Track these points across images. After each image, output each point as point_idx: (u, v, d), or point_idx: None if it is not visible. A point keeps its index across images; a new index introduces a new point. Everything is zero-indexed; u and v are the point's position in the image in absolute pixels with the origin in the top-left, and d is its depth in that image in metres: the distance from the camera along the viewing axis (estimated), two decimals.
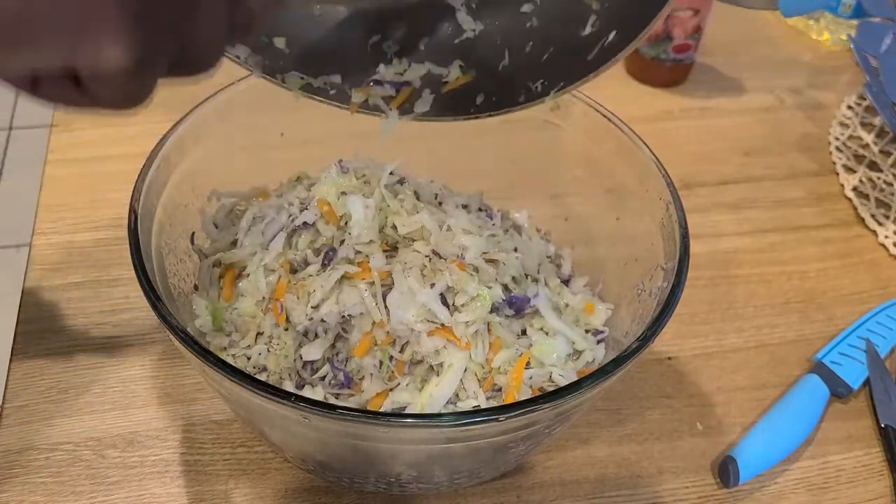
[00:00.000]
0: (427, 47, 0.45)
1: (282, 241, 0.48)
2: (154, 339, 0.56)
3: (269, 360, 0.46)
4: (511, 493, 0.50)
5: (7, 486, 0.48)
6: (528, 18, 0.44)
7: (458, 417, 0.35)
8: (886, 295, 0.64)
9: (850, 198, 0.73)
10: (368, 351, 0.45)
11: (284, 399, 0.35)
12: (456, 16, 0.45)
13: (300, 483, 0.49)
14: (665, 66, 0.81)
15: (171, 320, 0.38)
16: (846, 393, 0.56)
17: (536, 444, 0.44)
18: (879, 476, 0.53)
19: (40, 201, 0.65)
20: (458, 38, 0.45)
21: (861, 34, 0.72)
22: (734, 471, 0.50)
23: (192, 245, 0.50)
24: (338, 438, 0.39)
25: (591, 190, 0.54)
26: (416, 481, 0.45)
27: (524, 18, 0.44)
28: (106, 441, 0.51)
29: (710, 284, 0.64)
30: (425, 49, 0.45)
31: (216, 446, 0.51)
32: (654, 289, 0.45)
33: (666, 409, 0.55)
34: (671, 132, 0.78)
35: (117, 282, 0.59)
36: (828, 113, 0.82)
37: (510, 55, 0.44)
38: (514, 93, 0.43)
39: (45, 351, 0.55)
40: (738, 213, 0.71)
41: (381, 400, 0.44)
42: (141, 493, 0.48)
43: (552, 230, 0.58)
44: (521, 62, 0.44)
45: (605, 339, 0.50)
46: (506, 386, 0.45)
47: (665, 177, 0.47)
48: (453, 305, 0.45)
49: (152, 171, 0.45)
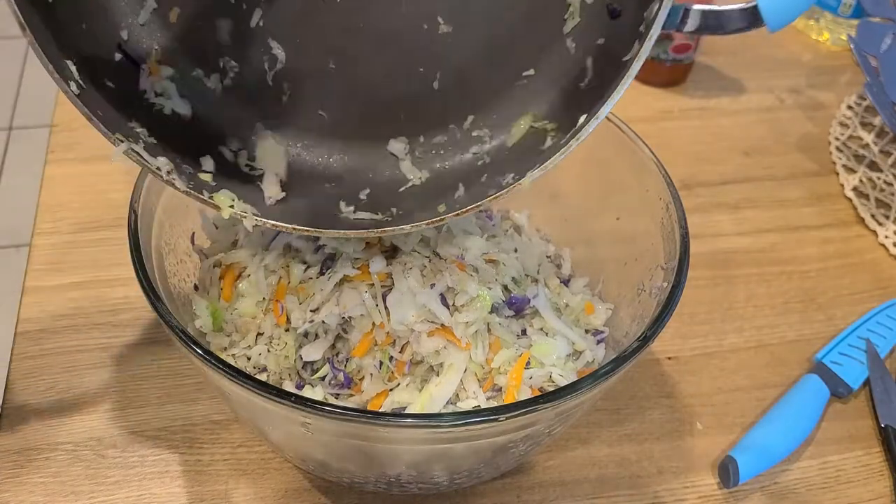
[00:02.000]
0: (373, 197, 0.45)
1: (282, 243, 0.48)
2: (154, 339, 0.56)
3: (270, 361, 0.46)
4: (511, 493, 0.50)
5: (7, 486, 0.48)
6: (480, 157, 0.44)
7: (458, 417, 0.35)
8: (886, 295, 0.64)
9: (850, 198, 0.73)
10: (368, 351, 0.45)
11: (284, 399, 0.35)
12: (399, 166, 0.45)
13: (300, 483, 0.49)
14: (665, 66, 0.81)
15: (171, 320, 0.38)
16: (846, 393, 0.56)
17: (536, 444, 0.44)
18: (879, 476, 0.53)
19: (40, 201, 0.65)
20: (404, 186, 0.45)
21: (861, 34, 0.72)
22: (734, 471, 0.50)
23: (192, 245, 0.50)
24: (338, 438, 0.39)
25: (591, 190, 0.54)
26: (416, 481, 0.45)
27: (474, 158, 0.44)
28: (106, 441, 0.51)
29: (710, 284, 0.64)
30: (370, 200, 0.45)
31: (216, 446, 0.51)
32: (654, 289, 0.45)
33: (666, 409, 0.55)
34: (671, 132, 0.78)
35: (117, 282, 0.59)
36: (828, 113, 0.82)
37: (465, 186, 0.43)
38: (481, 193, 0.42)
39: (45, 351, 0.55)
40: (738, 213, 0.71)
41: (381, 400, 0.44)
42: (141, 493, 0.48)
43: (552, 230, 0.58)
44: (476, 185, 0.43)
45: (604, 340, 0.50)
46: (506, 386, 0.45)
47: (665, 177, 0.47)
48: (453, 306, 0.45)
49: None
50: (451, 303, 0.45)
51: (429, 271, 0.46)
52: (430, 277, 0.46)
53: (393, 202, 0.44)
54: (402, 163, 0.45)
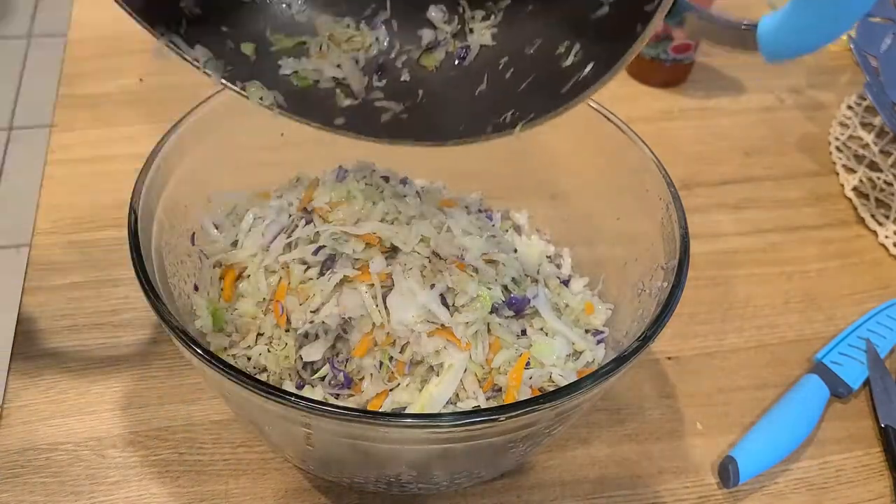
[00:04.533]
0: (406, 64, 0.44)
1: (282, 243, 0.48)
2: (154, 339, 0.56)
3: (270, 361, 0.46)
4: (511, 493, 0.50)
5: (7, 486, 0.48)
6: (528, 41, 0.43)
7: (458, 417, 0.35)
8: (886, 295, 0.64)
9: (850, 198, 0.73)
10: (368, 351, 0.45)
11: (284, 399, 0.35)
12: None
13: (300, 483, 0.49)
14: (665, 66, 0.81)
15: (171, 320, 0.38)
16: (846, 393, 0.56)
17: (536, 444, 0.44)
18: (879, 476, 0.53)
19: (40, 201, 0.65)
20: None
21: (861, 34, 0.72)
22: (734, 471, 0.50)
23: (192, 245, 0.50)
24: (338, 438, 0.39)
25: (590, 190, 0.54)
26: (416, 481, 0.45)
27: (521, 41, 0.43)
28: (106, 441, 0.51)
29: (710, 284, 0.64)
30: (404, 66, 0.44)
31: (216, 446, 0.51)
32: (654, 289, 0.45)
33: (666, 409, 0.55)
34: (671, 132, 0.78)
35: (117, 282, 0.59)
36: (828, 113, 0.82)
37: (489, 81, 0.43)
38: (483, 123, 0.42)
39: (45, 351, 0.55)
40: (738, 213, 0.71)
41: (381, 400, 0.44)
42: (141, 493, 0.48)
43: (552, 230, 0.58)
44: (497, 89, 0.42)
45: (604, 340, 0.50)
46: (506, 386, 0.45)
47: (665, 177, 0.47)
48: (453, 306, 0.45)
49: (152, 171, 0.45)
50: (451, 303, 0.45)
51: (429, 271, 0.46)
52: (430, 278, 0.46)
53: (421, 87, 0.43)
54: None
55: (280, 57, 0.44)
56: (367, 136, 0.43)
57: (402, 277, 0.45)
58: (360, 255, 0.46)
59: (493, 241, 0.50)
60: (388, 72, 0.44)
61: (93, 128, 0.72)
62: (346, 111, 0.44)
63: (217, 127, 0.50)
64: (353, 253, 0.46)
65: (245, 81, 0.42)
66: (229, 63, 0.42)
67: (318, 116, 0.43)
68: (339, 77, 0.44)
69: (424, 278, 0.46)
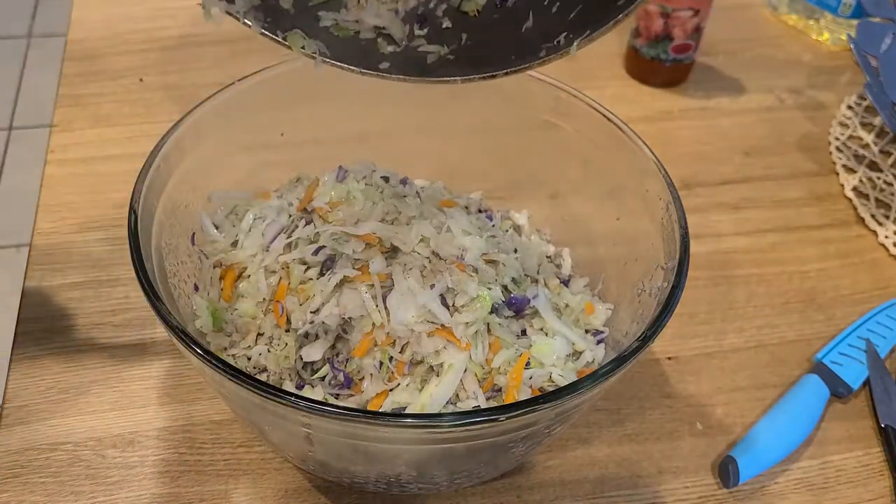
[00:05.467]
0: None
1: (282, 243, 0.48)
2: (154, 339, 0.56)
3: (270, 361, 0.46)
4: (511, 493, 0.50)
5: (7, 486, 0.48)
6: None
7: (458, 417, 0.35)
8: (886, 295, 0.64)
9: (850, 198, 0.73)
10: (368, 352, 0.45)
11: (284, 399, 0.35)
12: None
13: (300, 483, 0.49)
14: (665, 66, 0.81)
15: (171, 320, 0.38)
16: (846, 393, 0.56)
17: (536, 444, 0.44)
18: (879, 476, 0.53)
19: (40, 201, 0.65)
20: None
21: (861, 34, 0.72)
22: (734, 471, 0.50)
23: (192, 245, 0.50)
24: (338, 438, 0.39)
25: (591, 190, 0.54)
26: (416, 481, 0.45)
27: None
28: (106, 441, 0.51)
29: (710, 284, 0.64)
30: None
31: (216, 446, 0.51)
32: (654, 289, 0.45)
33: (666, 409, 0.55)
34: (671, 132, 0.78)
35: (117, 282, 0.59)
36: (828, 113, 0.82)
37: (535, 17, 0.41)
38: (535, 50, 0.41)
39: (45, 351, 0.55)
40: (738, 213, 0.71)
41: (381, 400, 0.44)
42: (141, 493, 0.48)
43: (552, 230, 0.58)
44: (545, 23, 0.41)
45: (604, 340, 0.50)
46: (506, 386, 0.45)
47: (665, 177, 0.47)
48: (453, 306, 0.45)
49: (152, 171, 0.45)
50: (451, 303, 0.45)
51: (429, 272, 0.46)
52: (430, 278, 0.46)
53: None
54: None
55: (319, 9, 0.44)
56: (413, 77, 0.43)
57: (402, 277, 0.45)
58: (360, 256, 0.47)
59: (493, 241, 0.50)
60: (428, 21, 0.44)
61: (93, 128, 0.72)
62: (390, 57, 0.43)
63: (217, 127, 0.50)
64: (353, 253, 0.47)
65: (286, 32, 0.42)
66: (268, 16, 0.42)
67: (362, 62, 0.43)
68: (379, 26, 0.44)
69: (424, 278, 0.46)
